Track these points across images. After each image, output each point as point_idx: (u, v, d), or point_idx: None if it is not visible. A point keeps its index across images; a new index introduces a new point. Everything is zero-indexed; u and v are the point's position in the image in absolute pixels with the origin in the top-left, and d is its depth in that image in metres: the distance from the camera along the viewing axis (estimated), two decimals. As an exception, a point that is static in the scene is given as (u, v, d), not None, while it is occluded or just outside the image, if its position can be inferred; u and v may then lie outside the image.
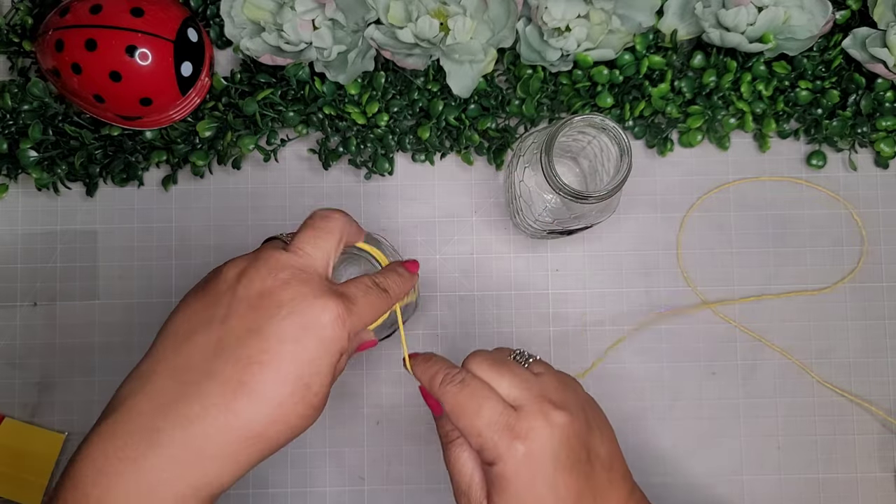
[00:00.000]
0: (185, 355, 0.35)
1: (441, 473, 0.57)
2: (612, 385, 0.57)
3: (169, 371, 0.35)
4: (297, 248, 0.38)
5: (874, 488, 0.56)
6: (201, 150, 0.56)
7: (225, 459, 0.34)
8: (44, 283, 0.57)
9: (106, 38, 0.50)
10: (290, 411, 0.35)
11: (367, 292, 0.38)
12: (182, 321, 0.36)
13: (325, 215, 0.39)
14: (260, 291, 0.35)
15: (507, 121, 0.57)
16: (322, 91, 0.55)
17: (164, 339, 0.36)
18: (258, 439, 0.34)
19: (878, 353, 0.57)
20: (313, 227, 0.39)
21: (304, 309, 0.35)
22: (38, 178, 0.55)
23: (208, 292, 0.37)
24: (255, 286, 0.36)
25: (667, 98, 0.55)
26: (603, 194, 0.44)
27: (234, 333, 0.35)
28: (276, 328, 0.35)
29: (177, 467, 0.33)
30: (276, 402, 0.34)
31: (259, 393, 0.34)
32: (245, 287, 0.36)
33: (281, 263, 0.36)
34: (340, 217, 0.40)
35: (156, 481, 0.33)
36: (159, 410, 0.34)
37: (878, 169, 0.58)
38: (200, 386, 0.34)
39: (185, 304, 0.37)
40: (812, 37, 0.54)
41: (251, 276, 0.36)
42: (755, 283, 0.57)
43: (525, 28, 0.54)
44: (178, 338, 0.36)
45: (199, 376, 0.34)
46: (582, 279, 0.57)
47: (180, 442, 0.33)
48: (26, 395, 0.56)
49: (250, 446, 0.34)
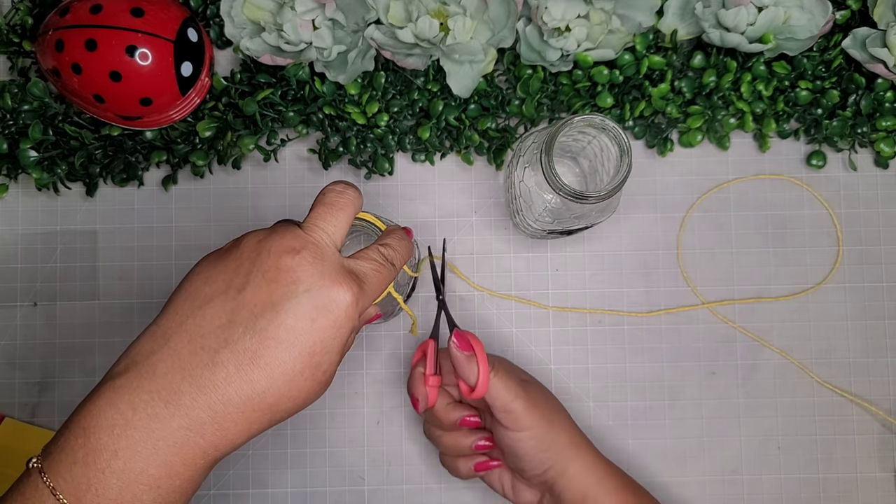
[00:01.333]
0: (202, 320, 0.36)
1: (441, 473, 0.57)
2: (611, 385, 0.57)
3: (188, 334, 0.36)
4: (313, 225, 0.38)
5: (874, 488, 0.56)
6: (201, 150, 0.56)
7: (239, 424, 0.35)
8: (44, 283, 0.57)
9: (106, 38, 0.50)
10: (301, 387, 0.36)
11: (378, 270, 0.39)
12: (201, 285, 0.37)
13: (339, 191, 0.40)
14: (278, 265, 0.36)
15: (507, 121, 0.57)
16: (322, 91, 0.55)
17: (181, 300, 0.37)
18: (269, 410, 0.36)
19: (877, 353, 0.57)
20: (327, 204, 0.40)
21: (320, 289, 0.36)
22: (38, 178, 0.55)
23: (228, 260, 0.37)
24: (274, 259, 0.36)
25: (667, 98, 0.55)
26: (603, 194, 0.44)
27: (251, 303, 0.36)
28: (292, 305, 0.35)
29: (199, 427, 0.34)
30: (289, 377, 0.35)
31: (274, 367, 0.35)
32: (264, 259, 0.36)
33: (299, 240, 0.37)
34: (353, 192, 0.40)
35: (182, 439, 0.34)
36: (180, 373, 0.35)
37: (878, 169, 0.58)
38: (218, 354, 0.35)
39: (203, 269, 0.38)
40: (812, 37, 0.54)
41: (269, 249, 0.37)
42: (755, 282, 0.57)
43: (525, 28, 0.54)
44: (197, 301, 0.36)
45: (216, 343, 0.35)
46: (582, 279, 0.57)
47: (203, 405, 0.34)
48: (26, 395, 0.56)
49: (262, 416, 0.36)
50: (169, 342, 0.36)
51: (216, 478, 0.56)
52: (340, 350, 0.37)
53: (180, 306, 0.37)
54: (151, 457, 0.34)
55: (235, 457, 0.56)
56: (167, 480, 0.34)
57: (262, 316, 0.35)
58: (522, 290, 0.57)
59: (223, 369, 0.35)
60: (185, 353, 0.35)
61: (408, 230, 0.45)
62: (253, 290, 0.36)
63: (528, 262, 0.57)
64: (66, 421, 0.35)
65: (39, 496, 0.33)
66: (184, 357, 0.35)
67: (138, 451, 0.33)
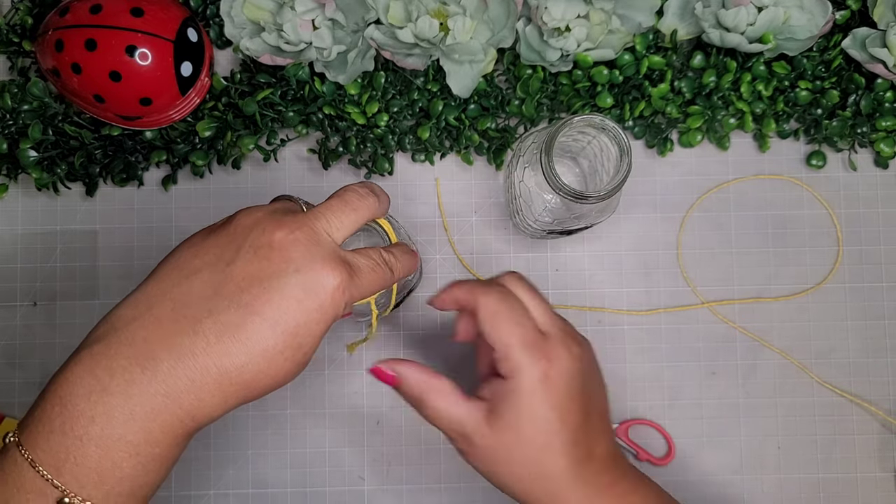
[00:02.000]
0: (188, 289, 0.35)
1: (441, 473, 0.57)
2: (611, 385, 0.57)
3: (171, 302, 0.35)
4: (320, 214, 0.38)
5: (874, 488, 0.56)
6: (201, 150, 0.56)
7: (216, 396, 0.35)
8: (44, 283, 0.57)
9: (106, 38, 0.50)
10: (280, 367, 0.36)
11: (374, 268, 0.39)
12: (189, 256, 0.37)
13: (361, 194, 0.39)
14: (270, 243, 0.36)
15: (507, 121, 0.57)
16: (322, 91, 0.55)
17: (169, 269, 0.37)
18: (245, 386, 0.35)
19: (877, 353, 0.57)
20: (344, 201, 0.39)
21: (310, 271, 0.36)
22: (38, 178, 0.55)
23: (220, 234, 0.37)
24: (267, 237, 0.36)
25: (667, 98, 0.55)
26: (603, 194, 0.44)
27: (238, 277, 0.35)
28: (280, 284, 0.35)
29: (176, 395, 0.34)
30: (270, 355, 0.35)
31: (254, 343, 0.35)
32: (257, 236, 0.36)
33: (298, 222, 0.37)
34: (372, 200, 0.40)
35: (159, 405, 0.34)
36: (160, 340, 0.34)
37: (878, 169, 0.58)
38: (201, 323, 0.35)
39: (194, 241, 0.38)
40: (812, 37, 0.54)
41: (265, 226, 0.36)
42: (755, 282, 0.57)
43: (525, 28, 0.54)
44: (184, 272, 0.36)
45: (199, 313, 0.35)
46: (582, 279, 0.57)
47: (180, 374, 0.34)
48: (26, 395, 0.56)
49: (238, 390, 0.35)
50: (151, 309, 0.35)
51: (216, 478, 0.56)
52: (321, 334, 0.37)
53: (167, 275, 0.36)
54: (129, 423, 0.33)
55: (235, 457, 0.56)
56: (146, 448, 0.34)
57: (249, 290, 0.35)
58: (522, 290, 0.57)
59: (203, 338, 0.34)
60: (167, 320, 0.35)
61: (415, 253, 0.44)
62: (243, 264, 0.35)
63: (528, 262, 0.57)
64: (41, 392, 0.35)
65: (19, 470, 0.33)
66: (164, 325, 0.35)
67: (115, 416, 0.33)
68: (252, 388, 0.36)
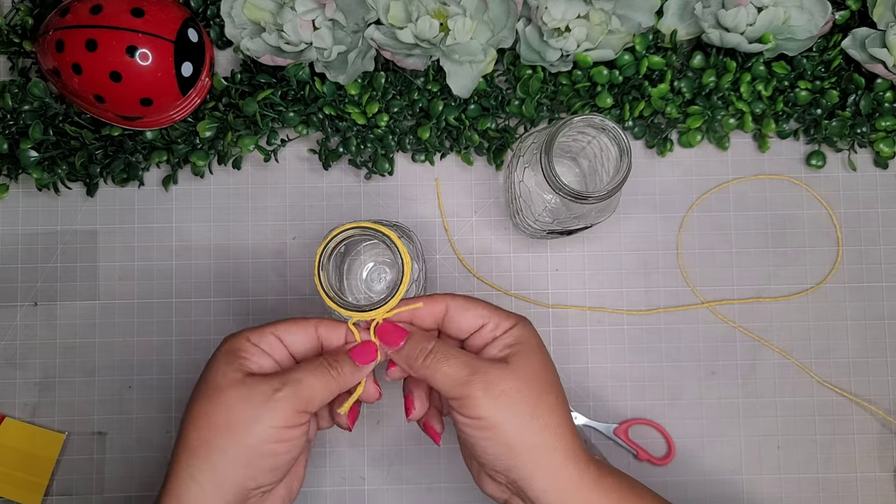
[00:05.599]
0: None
1: (441, 473, 0.57)
2: (611, 385, 0.57)
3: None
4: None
5: (874, 488, 0.56)
6: (201, 151, 0.56)
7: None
8: (44, 283, 0.57)
9: (106, 39, 0.50)
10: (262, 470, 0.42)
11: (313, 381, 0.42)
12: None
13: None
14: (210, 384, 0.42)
15: (507, 121, 0.57)
16: (322, 91, 0.55)
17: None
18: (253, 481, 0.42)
19: (877, 353, 0.57)
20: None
21: (250, 427, 0.41)
22: (39, 178, 0.55)
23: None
24: (208, 381, 0.42)
25: (666, 98, 0.56)
26: (603, 194, 0.44)
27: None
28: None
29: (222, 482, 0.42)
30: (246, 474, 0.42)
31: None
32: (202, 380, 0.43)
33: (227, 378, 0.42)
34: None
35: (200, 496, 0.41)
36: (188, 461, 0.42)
37: (878, 169, 0.58)
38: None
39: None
40: (812, 37, 0.54)
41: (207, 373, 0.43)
42: (755, 282, 0.57)
43: (525, 28, 0.54)
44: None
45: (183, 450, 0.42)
46: (582, 279, 0.57)
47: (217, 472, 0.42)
48: (26, 395, 0.56)
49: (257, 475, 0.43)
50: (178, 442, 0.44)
51: (216, 478, 0.56)
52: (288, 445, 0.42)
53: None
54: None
55: (235, 457, 0.56)
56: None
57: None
58: (522, 290, 0.57)
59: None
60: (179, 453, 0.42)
61: (370, 344, 0.44)
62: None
63: (527, 262, 0.57)
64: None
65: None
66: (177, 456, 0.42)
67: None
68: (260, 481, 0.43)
